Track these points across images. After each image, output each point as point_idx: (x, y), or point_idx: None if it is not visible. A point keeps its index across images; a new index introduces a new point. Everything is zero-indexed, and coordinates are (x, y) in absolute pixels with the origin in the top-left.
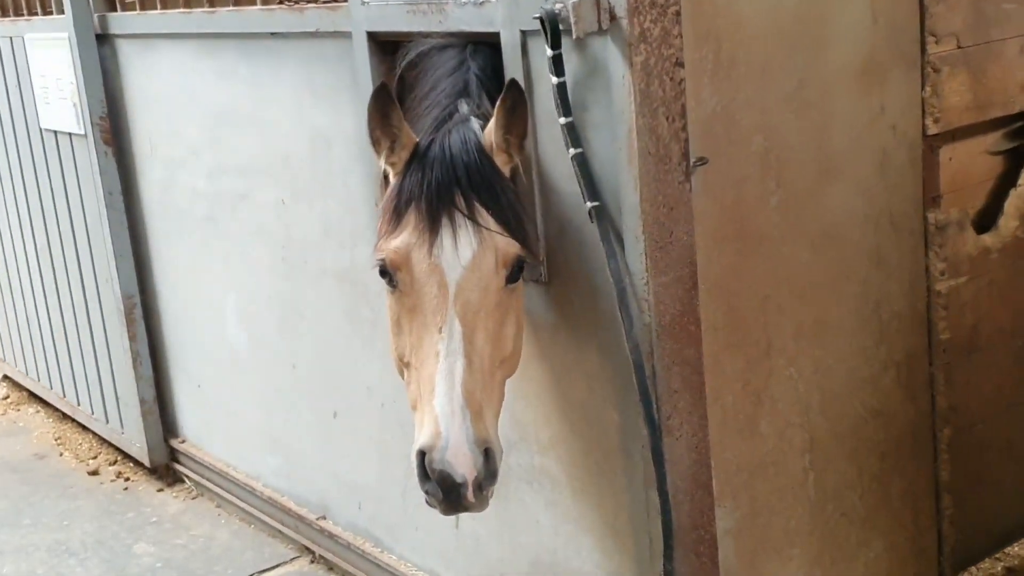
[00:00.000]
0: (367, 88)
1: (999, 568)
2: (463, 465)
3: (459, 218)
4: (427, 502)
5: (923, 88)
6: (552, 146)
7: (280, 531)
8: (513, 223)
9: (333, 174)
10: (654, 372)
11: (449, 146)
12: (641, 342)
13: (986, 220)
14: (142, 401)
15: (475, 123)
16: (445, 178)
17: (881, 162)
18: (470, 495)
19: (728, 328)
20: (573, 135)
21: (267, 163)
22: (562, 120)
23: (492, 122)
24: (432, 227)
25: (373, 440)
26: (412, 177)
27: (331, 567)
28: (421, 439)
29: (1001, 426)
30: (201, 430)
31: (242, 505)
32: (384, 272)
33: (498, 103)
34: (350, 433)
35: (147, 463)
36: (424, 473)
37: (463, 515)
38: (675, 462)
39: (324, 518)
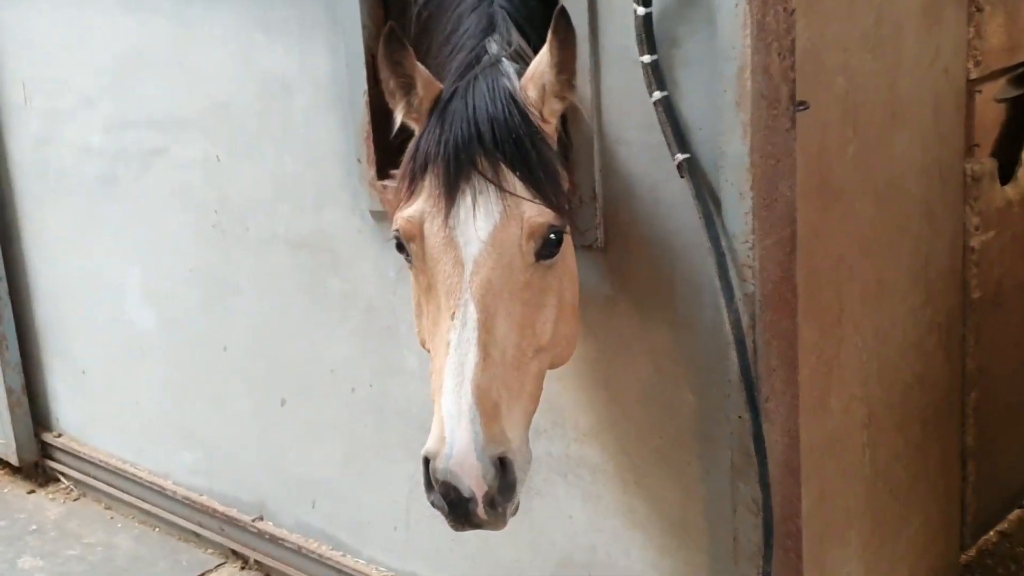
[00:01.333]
0: (352, 27)
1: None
2: (469, 476)
3: (480, 182)
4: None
5: (968, 28)
6: (619, 89)
7: (198, 535)
8: (547, 186)
9: (293, 125)
10: (755, 348)
11: (473, 96)
12: (743, 315)
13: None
14: (8, 391)
15: (508, 66)
16: (465, 135)
17: (935, 107)
18: (480, 511)
19: (806, 293)
20: (658, 76)
21: (194, 114)
22: (645, 58)
23: (537, 62)
24: (448, 193)
25: (338, 429)
26: (429, 135)
27: (268, 573)
28: (427, 443)
29: (1020, 386)
30: (85, 422)
31: (144, 506)
32: (400, 245)
33: (549, 36)
34: (303, 423)
35: (15, 461)
36: (428, 481)
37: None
38: (770, 449)
39: (261, 519)
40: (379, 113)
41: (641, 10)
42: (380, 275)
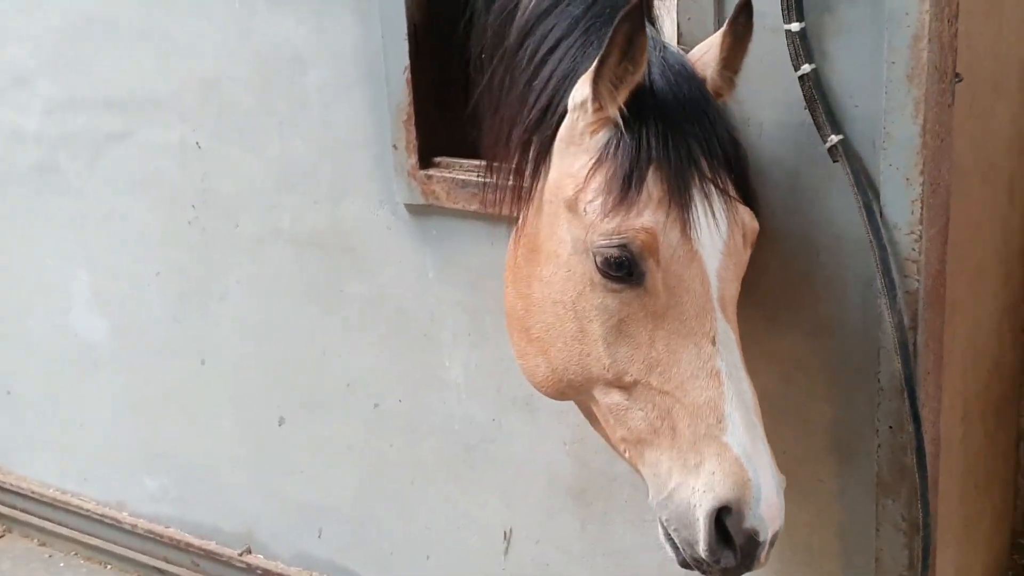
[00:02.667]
0: None
1: None
2: (776, 518)
3: (708, 187)
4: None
5: None
6: (750, 62)
7: (163, 571)
8: (750, 186)
9: (306, 106)
10: (915, 351)
11: (680, 84)
12: (905, 315)
13: None
14: None
15: (676, 48)
16: (685, 131)
17: (1020, 76)
18: (764, 556)
19: None
20: (806, 47)
21: (167, 94)
22: (794, 26)
23: (702, 51)
24: (682, 200)
25: (354, 450)
26: (646, 129)
27: None
28: (720, 490)
29: None
30: (11, 448)
31: (91, 541)
32: (621, 263)
33: (725, 28)
34: (308, 443)
35: None
36: (722, 536)
37: (519, 534)
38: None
39: (249, 551)
40: (422, 92)
41: None
42: (417, 276)
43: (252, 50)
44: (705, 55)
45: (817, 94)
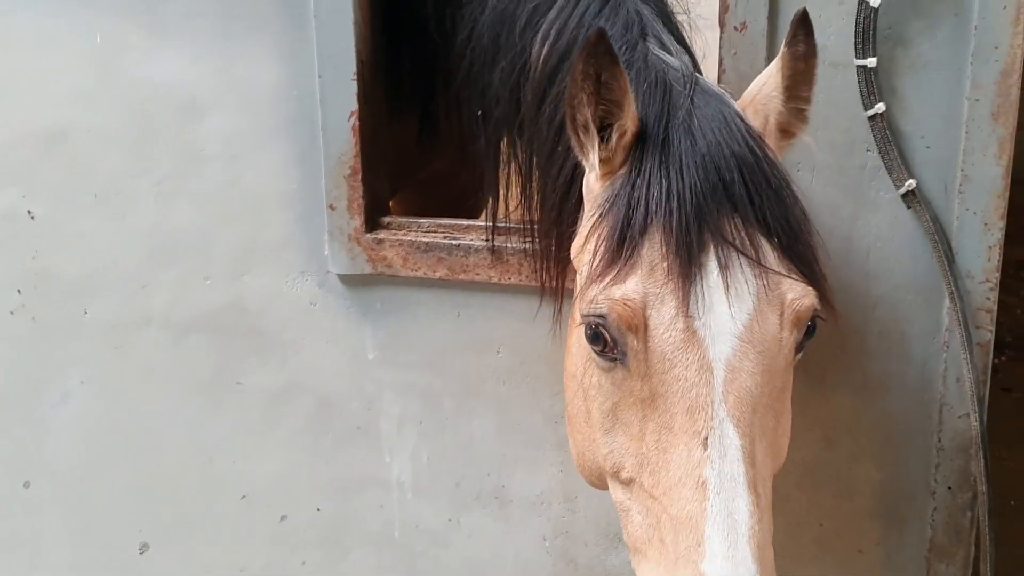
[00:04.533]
0: (334, 23)
1: None
2: None
3: (729, 254)
4: None
5: None
6: None
7: None
8: (807, 255)
9: (199, 161)
10: (984, 411)
11: (700, 130)
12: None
13: None
14: None
15: (712, 85)
16: (706, 187)
17: None
18: None
19: None
20: (878, 84)
21: None
22: (869, 62)
23: (760, 83)
24: (685, 269)
25: (249, 572)
26: (647, 184)
27: None
28: None
29: None
30: None
31: None
32: (598, 336)
33: (784, 50)
34: (184, 570)
35: None
36: None
37: None
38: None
39: None
40: (369, 142)
41: (875, 1)
42: (351, 358)
43: (119, 94)
44: (763, 88)
45: (890, 135)
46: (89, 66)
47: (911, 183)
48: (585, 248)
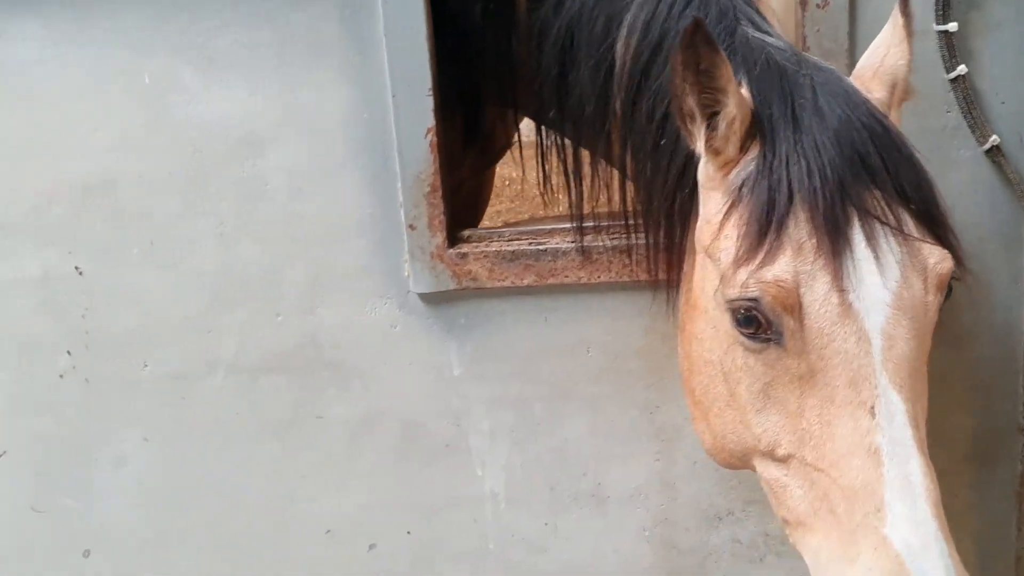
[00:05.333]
0: (404, 41)
1: None
2: None
3: (873, 225)
4: None
5: None
6: None
7: None
8: (941, 220)
9: (263, 199)
10: None
11: (825, 107)
12: None
13: None
14: None
15: (823, 62)
16: (844, 162)
17: None
18: None
19: None
20: (958, 47)
21: (18, 213)
22: (951, 26)
23: (880, 52)
24: (834, 245)
25: None
26: (785, 164)
27: None
28: None
29: None
30: None
31: None
32: (751, 319)
33: (901, 20)
34: None
35: None
36: None
37: None
38: None
39: None
40: (444, 158)
41: None
42: (436, 377)
43: (171, 136)
44: (887, 58)
45: (970, 96)
46: (137, 109)
47: (995, 139)
48: (722, 234)
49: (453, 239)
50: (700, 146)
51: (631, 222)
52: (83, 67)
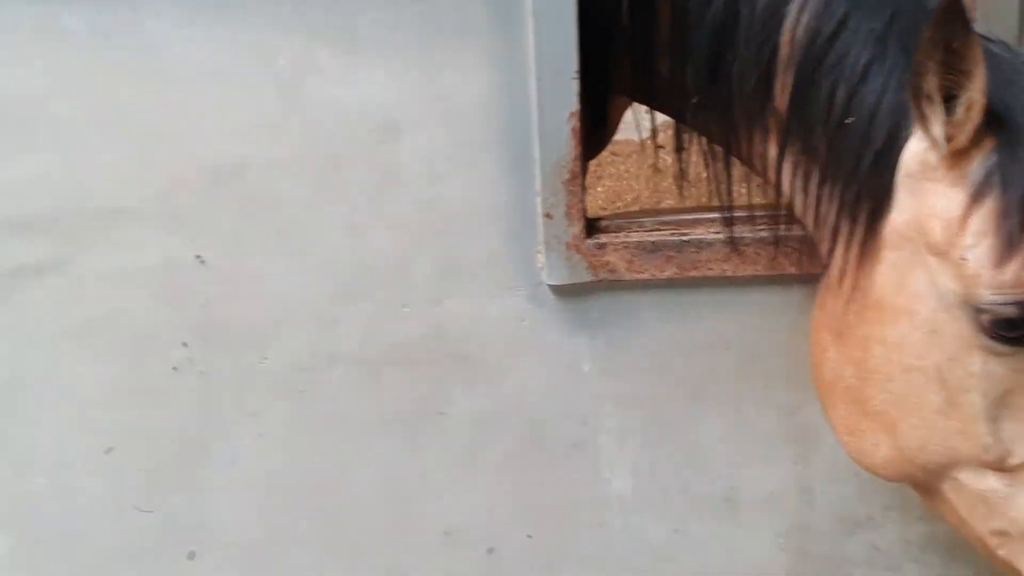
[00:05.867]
0: (553, 23)
1: None
2: None
3: None
4: None
5: None
6: None
7: None
8: None
9: (398, 184)
10: None
11: None
12: None
13: None
14: None
15: None
16: None
17: None
18: None
19: None
20: None
21: (141, 197)
22: None
23: None
24: None
25: None
26: None
27: None
28: None
29: None
30: None
31: None
32: (1015, 323)
33: None
34: None
35: None
36: None
37: None
38: None
39: None
40: (583, 145)
41: None
42: (566, 373)
43: (305, 121)
44: None
45: None
46: (270, 93)
47: None
48: (967, 231)
49: (589, 229)
50: (936, 131)
51: (782, 212)
52: (217, 48)
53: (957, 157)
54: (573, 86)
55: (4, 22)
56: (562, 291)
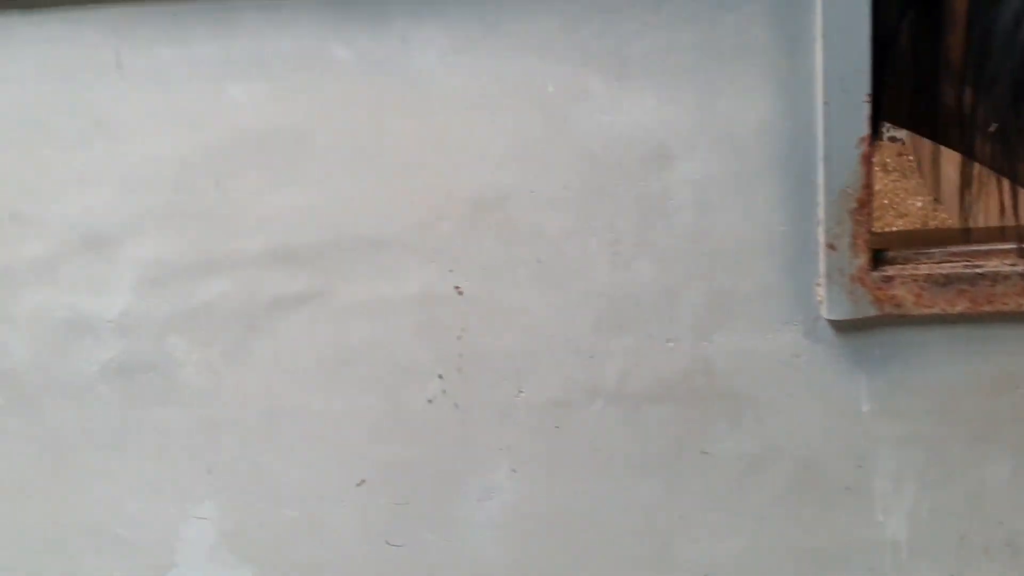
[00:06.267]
0: (845, 44)
1: None
2: None
3: None
4: None
5: None
6: None
7: None
8: None
9: (665, 215)
10: None
11: None
12: None
13: None
14: None
15: None
16: None
17: None
18: None
19: None
20: None
21: (399, 228)
22: None
23: None
24: None
25: None
26: None
27: None
28: None
29: None
30: None
31: None
32: None
33: None
34: None
35: None
36: None
37: None
38: None
39: None
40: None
41: None
42: (841, 412)
43: (571, 149)
44: None
45: None
46: (536, 120)
47: None
48: None
49: (875, 260)
50: None
51: None
52: (484, 76)
53: None
54: (864, 109)
55: (270, 54)
56: (842, 326)
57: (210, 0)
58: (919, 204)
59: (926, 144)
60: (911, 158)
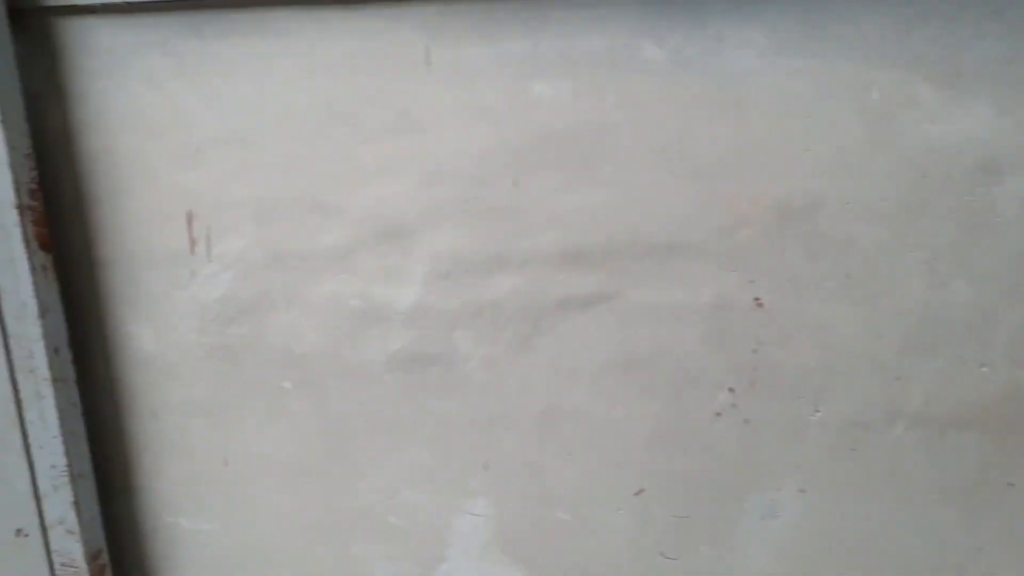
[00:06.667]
0: None
1: None
2: None
3: None
4: None
5: None
6: None
7: None
8: None
9: (987, 231)
10: None
11: None
12: None
13: None
14: None
15: None
16: None
17: None
18: None
19: None
20: None
21: (702, 232)
22: None
23: None
24: None
25: None
26: None
27: None
28: None
29: None
30: None
31: None
32: None
33: None
34: None
35: None
36: None
37: None
38: None
39: None
40: None
41: None
42: None
43: (892, 158)
44: None
45: None
46: (857, 127)
47: None
48: None
49: None
50: None
51: None
52: (802, 80)
53: None
54: None
55: (579, 52)
56: None
57: None
58: None
59: None
60: None
